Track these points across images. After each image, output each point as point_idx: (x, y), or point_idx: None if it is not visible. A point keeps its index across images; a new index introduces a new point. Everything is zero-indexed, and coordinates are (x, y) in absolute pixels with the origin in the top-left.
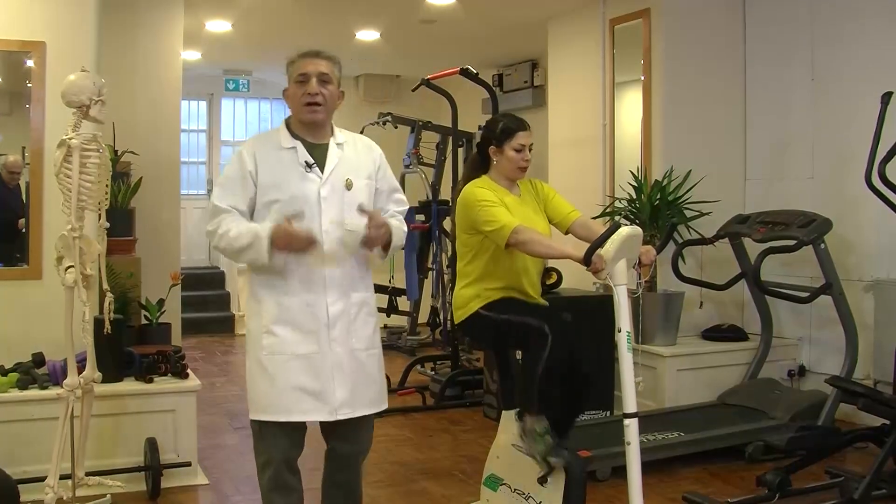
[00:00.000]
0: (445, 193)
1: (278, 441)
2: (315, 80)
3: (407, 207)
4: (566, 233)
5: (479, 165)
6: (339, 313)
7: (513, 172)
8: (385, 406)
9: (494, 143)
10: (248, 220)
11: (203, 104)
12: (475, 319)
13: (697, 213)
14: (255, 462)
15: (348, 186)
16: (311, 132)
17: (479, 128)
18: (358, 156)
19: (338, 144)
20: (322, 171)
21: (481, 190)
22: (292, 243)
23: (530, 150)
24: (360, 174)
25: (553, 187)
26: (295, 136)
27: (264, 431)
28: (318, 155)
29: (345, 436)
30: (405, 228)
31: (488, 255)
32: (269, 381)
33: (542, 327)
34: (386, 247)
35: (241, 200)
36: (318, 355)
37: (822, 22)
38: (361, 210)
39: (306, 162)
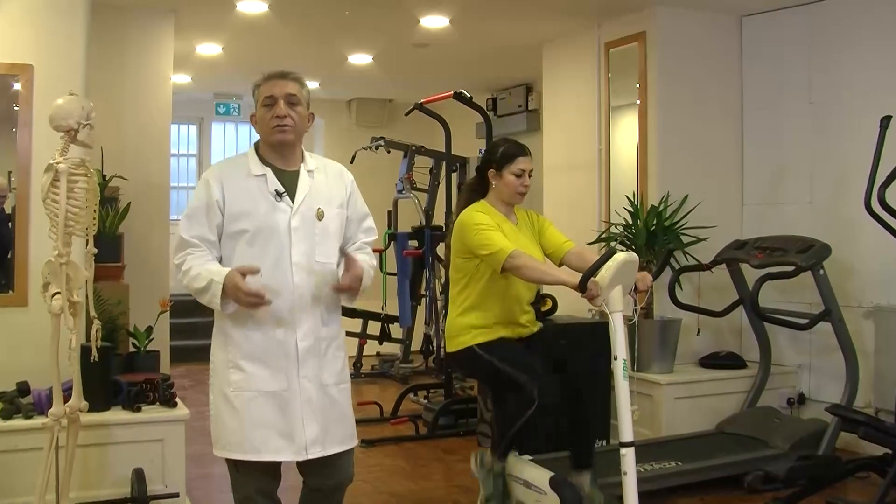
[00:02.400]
0: (439, 219)
1: (258, 477)
2: (283, 102)
3: (375, 237)
4: (560, 264)
5: (478, 187)
6: (309, 349)
7: (511, 197)
8: (356, 442)
9: (494, 166)
10: (216, 253)
11: (193, 128)
12: (469, 354)
13: (694, 239)
14: (233, 496)
15: (319, 217)
16: (281, 158)
17: (480, 152)
18: (329, 183)
19: (308, 172)
20: (292, 201)
21: (479, 214)
22: (239, 298)
23: (530, 175)
24: (332, 203)
25: (548, 213)
26: (265, 162)
27: (240, 468)
28: (289, 182)
29: (321, 472)
30: (374, 262)
31: (482, 282)
32: (236, 418)
33: (531, 392)
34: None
35: (209, 230)
36: (287, 392)
37: (820, 45)
38: (343, 254)
39: (276, 190)
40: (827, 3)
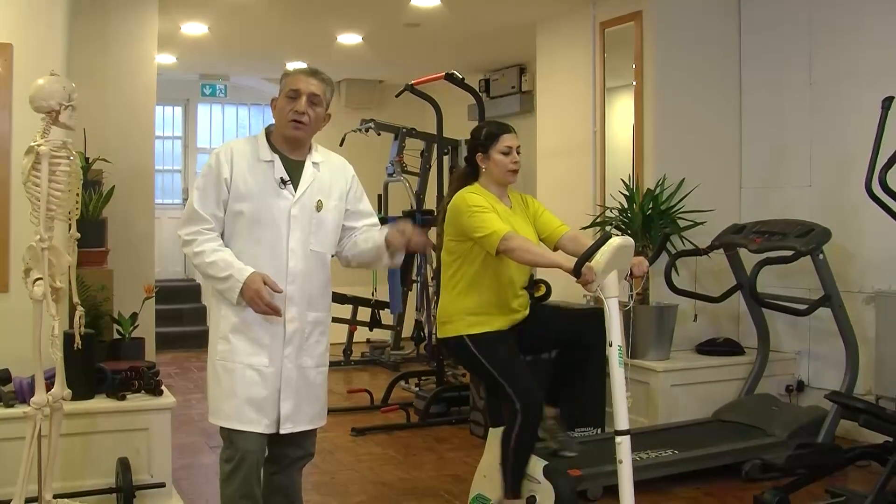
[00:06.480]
0: (430, 203)
1: (247, 443)
2: (305, 99)
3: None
4: (555, 248)
5: (469, 175)
6: (295, 331)
7: (503, 176)
8: (323, 422)
9: (481, 149)
10: (220, 228)
11: (178, 110)
12: (460, 343)
13: (691, 223)
14: (220, 471)
15: (318, 208)
16: (290, 147)
17: (465, 142)
18: (332, 177)
19: (314, 163)
20: (295, 190)
21: (473, 196)
22: (256, 303)
23: (518, 152)
24: (332, 195)
25: (542, 197)
26: (274, 148)
27: (233, 436)
28: (294, 172)
29: (288, 445)
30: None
31: (475, 265)
32: (220, 387)
33: (513, 404)
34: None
35: (218, 207)
36: (268, 369)
37: (821, 24)
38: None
39: (281, 178)
40: None
